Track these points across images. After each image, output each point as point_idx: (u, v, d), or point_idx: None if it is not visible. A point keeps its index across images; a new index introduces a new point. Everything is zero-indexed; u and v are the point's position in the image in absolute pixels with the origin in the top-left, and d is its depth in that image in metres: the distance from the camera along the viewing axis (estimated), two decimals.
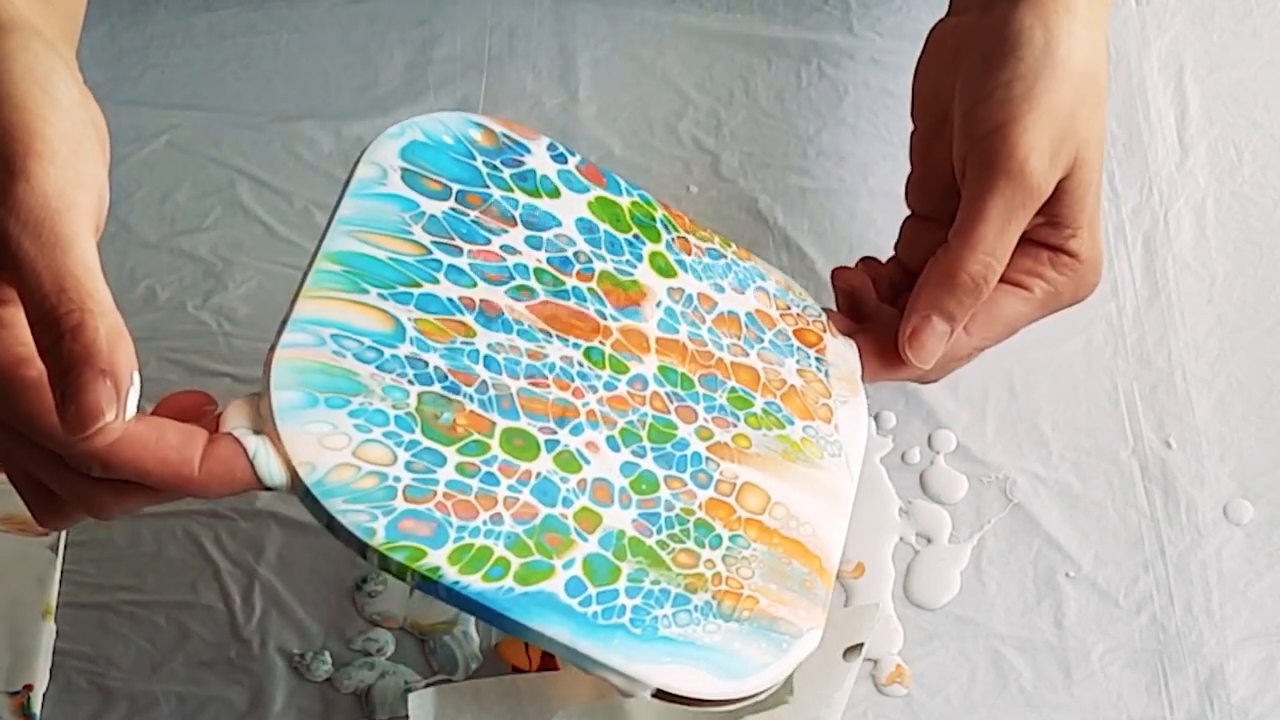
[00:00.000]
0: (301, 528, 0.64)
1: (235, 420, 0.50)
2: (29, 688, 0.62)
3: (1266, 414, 0.67)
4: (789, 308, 0.61)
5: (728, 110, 0.73)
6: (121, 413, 0.45)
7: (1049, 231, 0.60)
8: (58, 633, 0.63)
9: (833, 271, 0.63)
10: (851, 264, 0.64)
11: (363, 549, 0.49)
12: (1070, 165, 0.58)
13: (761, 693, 0.52)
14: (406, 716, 0.57)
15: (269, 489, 0.49)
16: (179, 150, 0.72)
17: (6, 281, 0.48)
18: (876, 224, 0.69)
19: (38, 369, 0.47)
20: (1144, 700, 0.62)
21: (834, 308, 0.63)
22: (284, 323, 0.52)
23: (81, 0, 0.58)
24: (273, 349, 0.51)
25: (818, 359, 0.60)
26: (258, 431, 0.50)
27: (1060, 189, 0.59)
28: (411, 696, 0.57)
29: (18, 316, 0.48)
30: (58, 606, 0.63)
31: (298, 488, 0.49)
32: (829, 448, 0.58)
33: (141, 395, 0.46)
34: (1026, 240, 0.59)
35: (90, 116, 0.49)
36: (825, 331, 0.61)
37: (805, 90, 0.73)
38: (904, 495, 0.66)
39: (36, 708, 0.61)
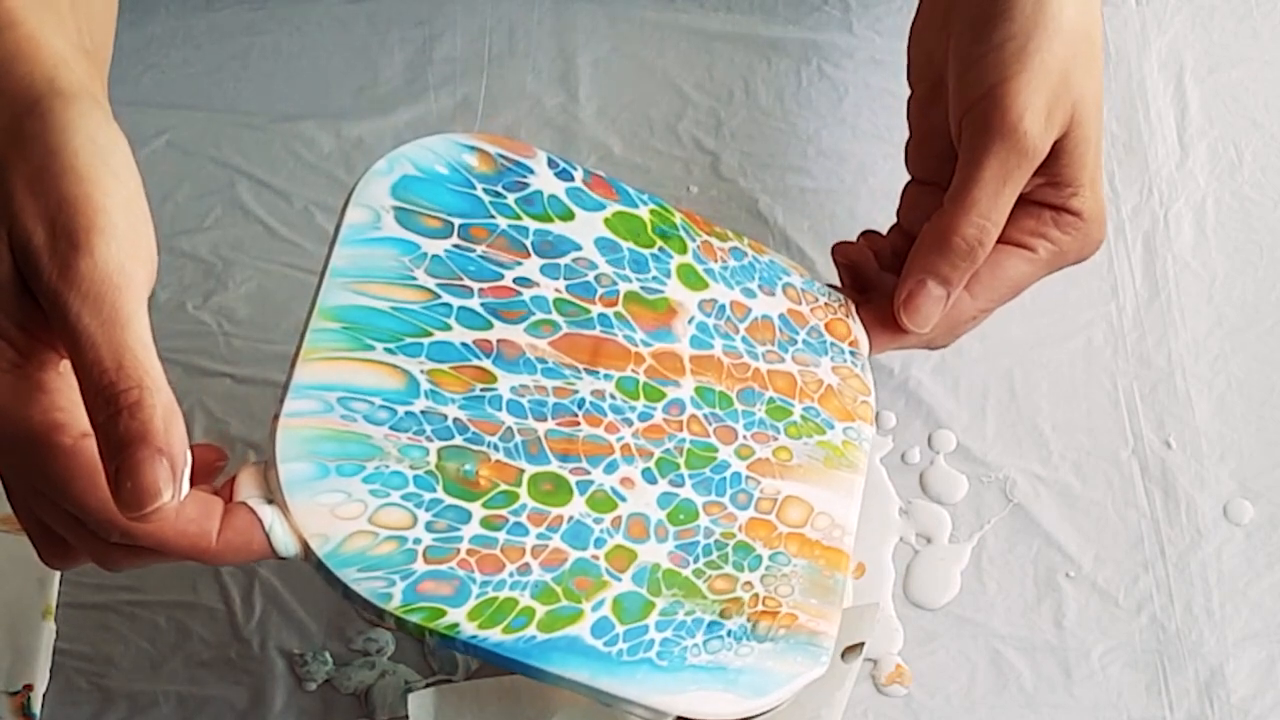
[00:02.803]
0: None
1: (248, 489, 0.49)
2: (29, 688, 0.61)
3: (1266, 414, 0.67)
4: (817, 299, 0.60)
5: (728, 110, 0.73)
6: (177, 493, 0.44)
7: (1050, 191, 0.60)
8: (58, 633, 0.63)
9: (833, 247, 0.63)
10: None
11: (380, 614, 0.48)
12: (1066, 124, 0.58)
13: (781, 704, 0.51)
14: (406, 716, 0.57)
15: (284, 559, 0.49)
16: (179, 150, 0.72)
17: (54, 349, 0.48)
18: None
19: (72, 437, 0.47)
20: (1144, 700, 0.62)
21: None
22: (285, 388, 0.49)
23: (108, 46, 0.57)
24: (276, 417, 0.49)
25: (852, 353, 0.59)
26: (271, 501, 0.49)
27: (1058, 148, 0.58)
28: (411, 697, 0.57)
29: (59, 383, 0.48)
30: (58, 606, 0.63)
31: (311, 559, 0.48)
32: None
33: None
34: (1028, 201, 0.59)
35: (139, 184, 0.49)
36: (850, 318, 0.60)
37: (805, 90, 0.73)
38: (904, 495, 0.66)
39: (36, 708, 0.61)
